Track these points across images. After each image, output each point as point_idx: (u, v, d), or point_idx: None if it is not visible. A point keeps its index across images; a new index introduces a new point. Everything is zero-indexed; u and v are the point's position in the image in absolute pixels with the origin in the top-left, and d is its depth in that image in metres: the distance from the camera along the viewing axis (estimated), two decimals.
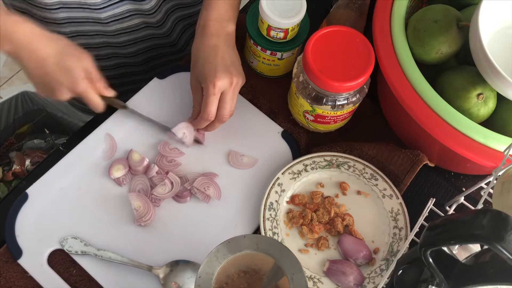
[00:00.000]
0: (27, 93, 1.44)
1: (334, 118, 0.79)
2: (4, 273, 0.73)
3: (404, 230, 0.76)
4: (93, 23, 0.87)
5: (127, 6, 0.86)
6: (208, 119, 0.76)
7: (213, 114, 0.76)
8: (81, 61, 0.72)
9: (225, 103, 0.76)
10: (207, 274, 0.58)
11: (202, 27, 0.76)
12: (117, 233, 0.75)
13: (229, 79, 0.74)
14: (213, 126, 0.79)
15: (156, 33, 0.94)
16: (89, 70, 0.73)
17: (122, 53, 0.95)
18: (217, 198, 0.78)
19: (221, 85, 0.74)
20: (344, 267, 0.73)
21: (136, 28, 0.91)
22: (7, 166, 1.41)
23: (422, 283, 0.53)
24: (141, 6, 0.87)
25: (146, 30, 0.93)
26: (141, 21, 0.90)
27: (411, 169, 0.80)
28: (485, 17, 0.67)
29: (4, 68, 1.96)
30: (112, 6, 0.85)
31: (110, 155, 0.80)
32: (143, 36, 0.94)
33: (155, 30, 0.94)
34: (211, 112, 0.75)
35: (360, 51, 0.73)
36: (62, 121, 1.48)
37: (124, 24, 0.89)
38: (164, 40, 0.97)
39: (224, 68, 0.74)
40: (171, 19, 0.95)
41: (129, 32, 0.91)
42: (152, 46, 0.97)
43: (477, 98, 0.72)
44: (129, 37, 0.92)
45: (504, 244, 0.44)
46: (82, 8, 0.83)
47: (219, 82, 0.73)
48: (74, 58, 0.72)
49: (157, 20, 0.92)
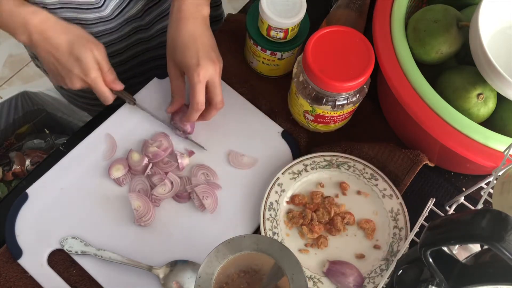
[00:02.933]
0: (27, 93, 1.44)
1: (334, 118, 0.79)
2: (4, 273, 0.73)
3: (404, 230, 0.76)
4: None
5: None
6: (199, 109, 0.76)
7: (203, 103, 0.75)
8: (92, 51, 0.73)
9: (216, 89, 0.75)
10: (207, 274, 0.58)
11: (177, 11, 0.74)
12: (117, 233, 0.75)
13: (213, 65, 0.74)
14: (209, 115, 0.78)
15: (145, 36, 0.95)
16: (100, 61, 0.74)
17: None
18: (211, 211, 0.77)
19: (206, 73, 0.73)
20: (343, 268, 0.73)
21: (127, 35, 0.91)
22: (7, 166, 1.41)
23: (422, 283, 0.53)
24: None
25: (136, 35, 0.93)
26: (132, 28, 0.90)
27: (411, 169, 0.80)
28: (485, 17, 0.66)
29: (4, 68, 1.96)
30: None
31: (110, 155, 0.80)
32: (133, 41, 0.94)
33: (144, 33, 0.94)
34: (200, 101, 0.75)
35: (360, 51, 0.73)
36: (62, 121, 1.48)
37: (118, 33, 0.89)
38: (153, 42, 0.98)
39: (206, 55, 0.73)
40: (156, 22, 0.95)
41: (120, 41, 0.91)
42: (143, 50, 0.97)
43: (477, 98, 0.72)
44: (120, 45, 0.92)
45: (504, 244, 0.44)
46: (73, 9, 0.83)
47: (204, 70, 0.73)
48: (86, 48, 0.72)
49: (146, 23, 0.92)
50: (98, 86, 0.75)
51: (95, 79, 0.74)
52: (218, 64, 0.75)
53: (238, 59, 0.89)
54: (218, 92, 0.76)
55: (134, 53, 0.98)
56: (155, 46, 0.99)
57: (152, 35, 0.96)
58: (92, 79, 0.74)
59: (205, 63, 0.73)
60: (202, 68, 0.73)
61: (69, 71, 0.73)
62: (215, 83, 0.75)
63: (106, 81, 0.76)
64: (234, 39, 0.90)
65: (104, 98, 0.77)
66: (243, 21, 0.84)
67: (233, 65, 0.88)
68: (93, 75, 0.74)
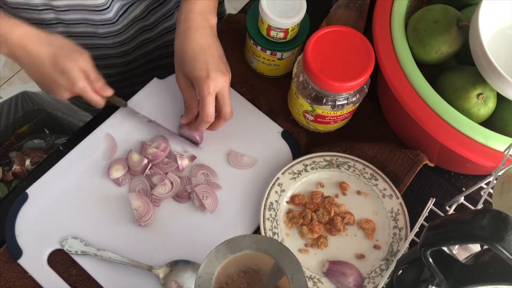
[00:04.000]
0: (27, 93, 1.44)
1: (334, 118, 0.79)
2: (4, 273, 0.73)
3: (404, 230, 0.76)
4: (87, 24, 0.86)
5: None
6: (208, 121, 0.75)
7: (212, 115, 0.75)
8: (77, 61, 0.71)
9: (225, 100, 0.75)
10: (207, 274, 0.58)
11: (184, 21, 0.74)
12: (117, 233, 0.75)
13: (223, 76, 0.73)
14: (217, 125, 0.78)
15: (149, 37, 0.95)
16: (86, 70, 0.73)
17: (116, 60, 0.95)
18: (211, 211, 0.77)
19: (216, 85, 0.73)
20: (343, 268, 0.73)
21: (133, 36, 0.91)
22: (7, 166, 1.41)
23: (422, 283, 0.53)
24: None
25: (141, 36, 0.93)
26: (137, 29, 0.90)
27: (411, 169, 0.80)
28: (485, 17, 0.66)
29: (4, 68, 1.96)
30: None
31: (110, 155, 0.80)
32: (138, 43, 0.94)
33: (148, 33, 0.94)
34: (209, 113, 0.74)
35: (360, 51, 0.73)
36: (62, 121, 1.48)
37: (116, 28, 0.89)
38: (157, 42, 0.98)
39: (216, 66, 0.73)
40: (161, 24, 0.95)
41: (127, 43, 0.91)
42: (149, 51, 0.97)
43: (477, 98, 0.72)
44: (127, 47, 0.92)
45: (504, 244, 0.44)
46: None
47: (214, 82, 0.72)
48: (70, 59, 0.71)
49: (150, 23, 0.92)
50: (87, 95, 0.74)
51: (83, 89, 0.73)
52: (228, 75, 0.75)
53: (238, 59, 0.89)
54: (228, 103, 0.76)
55: (141, 53, 0.98)
56: (160, 46, 0.99)
57: (157, 35, 0.96)
58: (80, 89, 0.73)
59: (215, 75, 0.72)
60: (212, 80, 0.72)
61: (55, 83, 0.72)
62: (224, 95, 0.75)
63: (94, 89, 0.75)
64: (234, 39, 0.90)
65: (94, 104, 0.77)
66: (243, 21, 0.84)
67: (233, 65, 0.87)
68: (80, 86, 0.72)
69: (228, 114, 0.77)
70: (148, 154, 0.79)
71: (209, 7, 0.75)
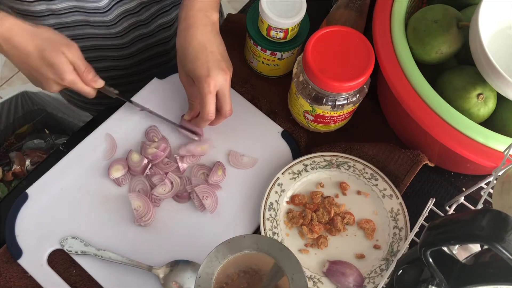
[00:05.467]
0: (27, 93, 1.44)
1: (334, 118, 0.79)
2: (4, 273, 0.73)
3: (404, 230, 0.76)
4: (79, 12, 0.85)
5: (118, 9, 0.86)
6: (209, 119, 0.76)
7: (213, 113, 0.75)
8: (65, 54, 0.70)
9: (225, 98, 0.75)
10: (207, 274, 0.58)
11: (185, 19, 0.74)
12: (117, 233, 0.75)
13: (223, 75, 0.73)
14: (217, 122, 0.79)
15: (144, 32, 0.94)
16: (75, 62, 0.71)
17: (112, 53, 0.94)
18: (211, 211, 0.77)
19: (217, 84, 0.73)
20: (343, 268, 0.73)
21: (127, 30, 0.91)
22: (7, 166, 1.41)
23: (422, 283, 0.53)
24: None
25: (136, 31, 0.92)
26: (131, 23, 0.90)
27: (411, 169, 0.80)
28: (485, 17, 0.66)
29: (4, 68, 1.96)
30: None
31: (110, 155, 0.80)
32: (133, 38, 0.94)
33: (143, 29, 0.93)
34: (210, 111, 0.75)
35: (360, 51, 0.73)
36: (62, 121, 1.48)
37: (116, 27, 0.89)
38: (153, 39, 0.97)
39: (216, 64, 0.73)
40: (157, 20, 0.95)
41: (120, 36, 0.91)
42: (144, 47, 0.97)
43: (477, 98, 0.72)
44: (121, 41, 0.92)
45: (504, 244, 0.44)
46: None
47: (214, 80, 0.72)
48: (57, 52, 0.70)
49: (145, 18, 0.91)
50: (77, 87, 0.73)
51: (72, 81, 0.72)
52: (229, 72, 0.74)
53: (238, 59, 0.89)
54: (228, 101, 0.76)
55: (137, 49, 0.97)
56: (156, 42, 0.99)
57: (152, 31, 0.96)
58: (69, 82, 0.72)
59: (215, 73, 0.72)
60: (212, 78, 0.72)
61: (44, 77, 0.71)
62: (225, 93, 0.75)
63: (85, 81, 0.74)
64: (234, 39, 0.90)
65: (85, 95, 0.76)
66: (243, 21, 0.84)
67: (233, 65, 0.87)
68: (69, 78, 0.71)
69: (228, 112, 0.77)
70: (148, 154, 0.79)
71: (209, 5, 0.75)
